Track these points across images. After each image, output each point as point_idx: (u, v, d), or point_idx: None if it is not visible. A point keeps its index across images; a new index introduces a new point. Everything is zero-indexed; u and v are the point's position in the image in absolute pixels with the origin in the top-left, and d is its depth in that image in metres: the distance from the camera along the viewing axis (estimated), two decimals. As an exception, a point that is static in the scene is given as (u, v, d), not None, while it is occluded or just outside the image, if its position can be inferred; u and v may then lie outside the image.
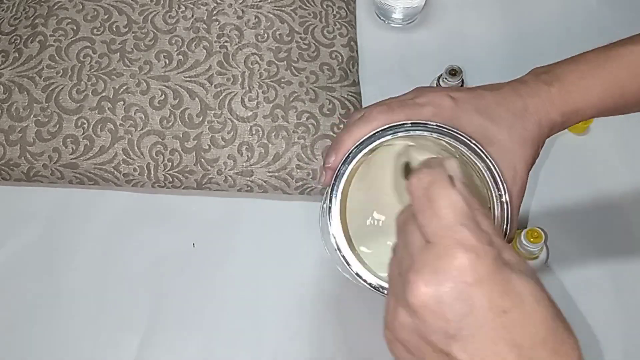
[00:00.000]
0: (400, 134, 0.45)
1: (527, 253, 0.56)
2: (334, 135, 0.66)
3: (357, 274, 0.42)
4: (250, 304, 0.61)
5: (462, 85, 0.67)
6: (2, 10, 0.74)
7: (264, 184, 0.65)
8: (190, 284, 0.62)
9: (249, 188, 0.66)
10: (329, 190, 0.44)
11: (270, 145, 0.65)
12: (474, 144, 0.44)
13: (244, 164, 0.65)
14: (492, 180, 0.44)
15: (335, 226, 0.43)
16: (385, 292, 0.41)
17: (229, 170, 0.65)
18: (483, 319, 0.29)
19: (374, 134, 0.45)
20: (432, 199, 0.31)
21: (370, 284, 0.42)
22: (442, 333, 0.30)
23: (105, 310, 0.61)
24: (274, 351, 0.59)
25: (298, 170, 0.65)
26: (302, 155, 0.65)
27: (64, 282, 0.62)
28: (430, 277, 0.30)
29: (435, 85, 0.68)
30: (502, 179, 0.43)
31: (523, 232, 0.56)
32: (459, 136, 0.45)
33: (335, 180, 0.44)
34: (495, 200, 0.44)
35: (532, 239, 0.55)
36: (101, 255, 0.64)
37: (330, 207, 0.44)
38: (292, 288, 0.61)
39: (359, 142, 0.46)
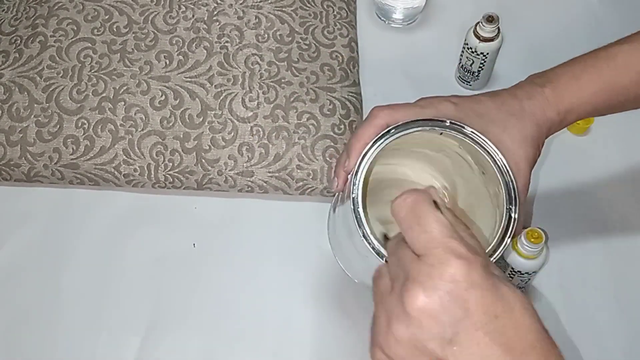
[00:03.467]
0: (412, 130, 0.45)
1: (527, 253, 0.56)
2: (335, 136, 0.66)
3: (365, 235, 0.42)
4: (250, 303, 0.61)
5: (497, 34, 0.67)
6: (3, 10, 0.74)
7: (265, 184, 0.65)
8: (190, 284, 0.62)
9: (249, 188, 0.66)
10: (354, 168, 0.44)
11: (270, 146, 0.65)
12: (494, 151, 0.45)
13: (245, 164, 0.65)
14: (506, 194, 0.44)
15: (357, 191, 0.43)
16: (384, 259, 0.41)
17: (229, 170, 0.65)
18: (478, 322, 0.31)
19: (387, 131, 0.45)
20: (419, 216, 0.34)
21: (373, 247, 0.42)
22: (438, 339, 0.31)
23: (106, 310, 0.61)
24: (274, 351, 0.59)
25: (298, 171, 0.65)
26: (303, 155, 0.65)
27: (64, 282, 0.62)
28: (427, 283, 0.31)
29: (472, 32, 0.68)
30: (517, 195, 0.44)
31: (523, 233, 0.55)
32: (477, 138, 0.46)
33: (361, 159, 0.44)
34: (504, 212, 0.44)
35: (532, 239, 0.55)
36: (101, 255, 0.64)
37: (356, 173, 0.44)
38: (292, 288, 0.61)
39: (375, 138, 0.45)
